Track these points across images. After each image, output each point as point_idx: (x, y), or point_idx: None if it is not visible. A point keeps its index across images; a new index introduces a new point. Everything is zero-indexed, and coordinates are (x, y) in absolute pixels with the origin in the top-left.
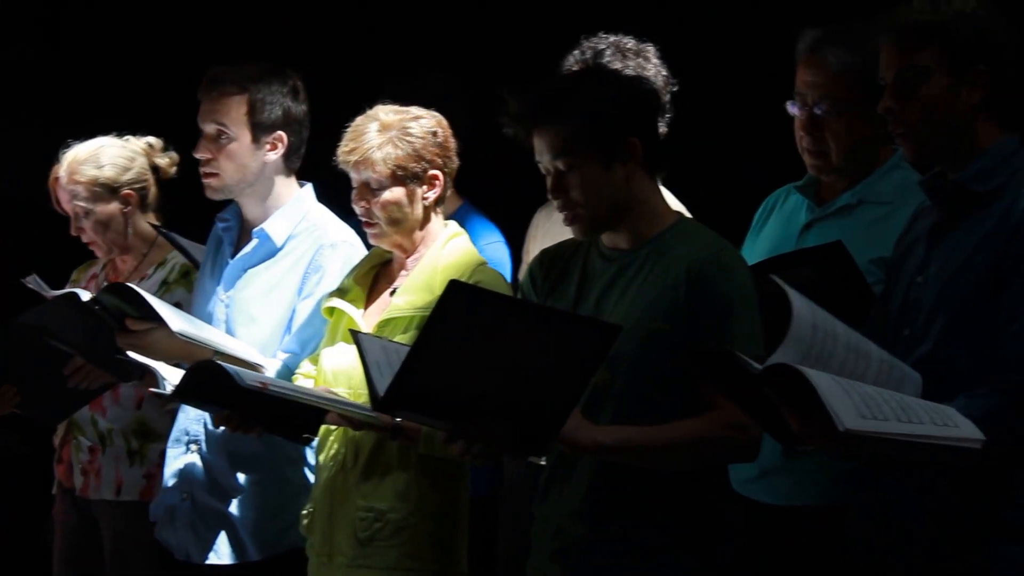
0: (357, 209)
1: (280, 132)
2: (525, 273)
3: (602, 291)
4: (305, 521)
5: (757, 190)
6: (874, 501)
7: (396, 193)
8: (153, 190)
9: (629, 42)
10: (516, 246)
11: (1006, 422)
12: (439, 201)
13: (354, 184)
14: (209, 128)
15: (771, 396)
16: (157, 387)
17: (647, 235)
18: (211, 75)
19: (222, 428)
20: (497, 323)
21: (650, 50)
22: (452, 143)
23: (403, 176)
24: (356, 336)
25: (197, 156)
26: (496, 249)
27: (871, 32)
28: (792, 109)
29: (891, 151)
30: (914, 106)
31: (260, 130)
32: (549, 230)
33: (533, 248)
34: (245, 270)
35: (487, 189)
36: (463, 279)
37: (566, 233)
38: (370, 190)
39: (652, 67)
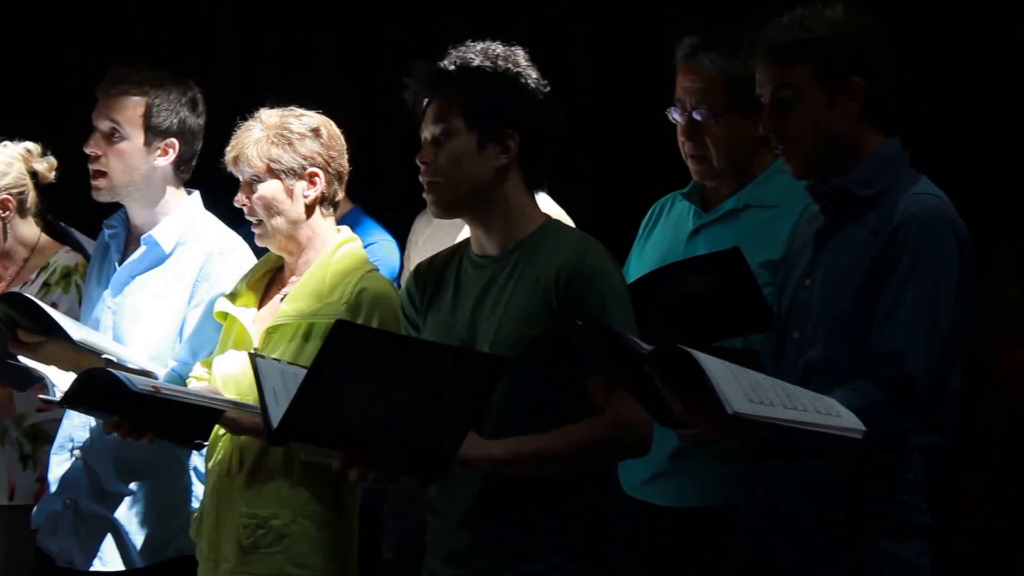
0: (241, 207)
1: (172, 139)
2: (403, 291)
3: (476, 300)
4: (195, 526)
5: (643, 198)
6: (765, 499)
7: (272, 187)
8: (32, 195)
9: (497, 48)
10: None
11: (884, 415)
12: (324, 202)
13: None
14: (103, 125)
15: (656, 379)
16: (47, 393)
17: (515, 238)
18: (113, 74)
19: (110, 434)
20: (386, 360)
21: (519, 54)
22: (338, 144)
23: (279, 170)
24: (254, 360)
25: (87, 151)
26: (384, 248)
27: (746, 38)
28: (673, 116)
29: (774, 156)
30: (794, 123)
31: (153, 134)
32: (431, 237)
33: (414, 254)
34: (133, 277)
35: (379, 194)
36: (350, 285)
37: (447, 240)
38: (250, 187)
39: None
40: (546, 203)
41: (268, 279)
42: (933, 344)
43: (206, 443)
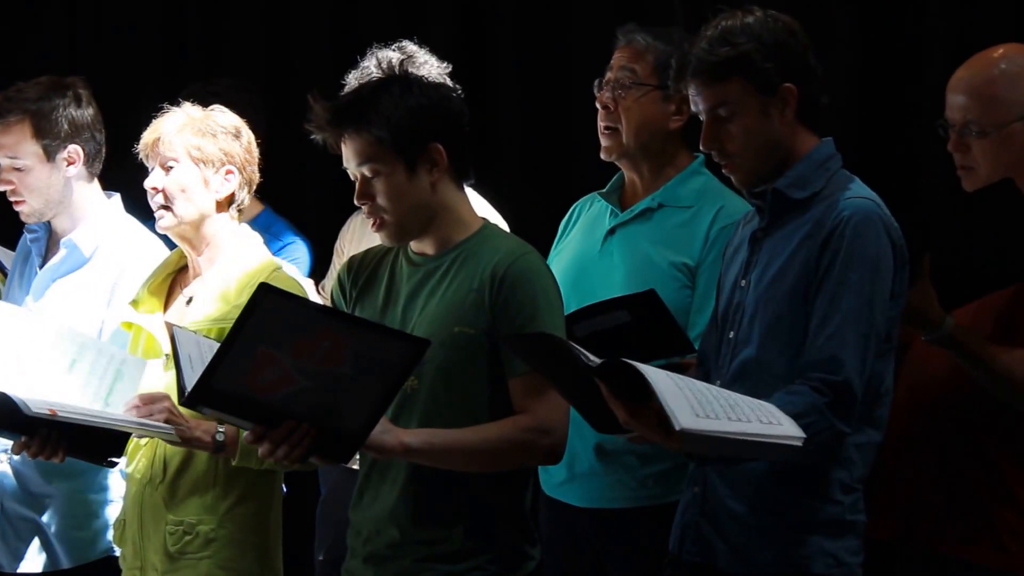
0: (150, 190)
1: (73, 146)
2: (334, 280)
3: (408, 296)
4: (118, 533)
5: (567, 199)
6: (701, 496)
7: (190, 174)
8: None
9: (392, 57)
10: (321, 253)
11: (823, 419)
12: (232, 202)
13: (152, 171)
14: (3, 162)
15: (603, 389)
16: None
17: (453, 241)
18: None
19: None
20: (306, 331)
21: (412, 50)
22: (254, 151)
23: (199, 159)
24: (171, 329)
25: None
26: (295, 249)
27: (684, 37)
28: (598, 89)
29: (691, 157)
30: (734, 138)
31: (52, 149)
32: (363, 237)
33: (349, 251)
34: (53, 280)
35: (288, 198)
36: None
37: (376, 240)
38: (165, 170)
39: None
40: (479, 203)
41: (170, 281)
42: (868, 347)
43: (119, 460)
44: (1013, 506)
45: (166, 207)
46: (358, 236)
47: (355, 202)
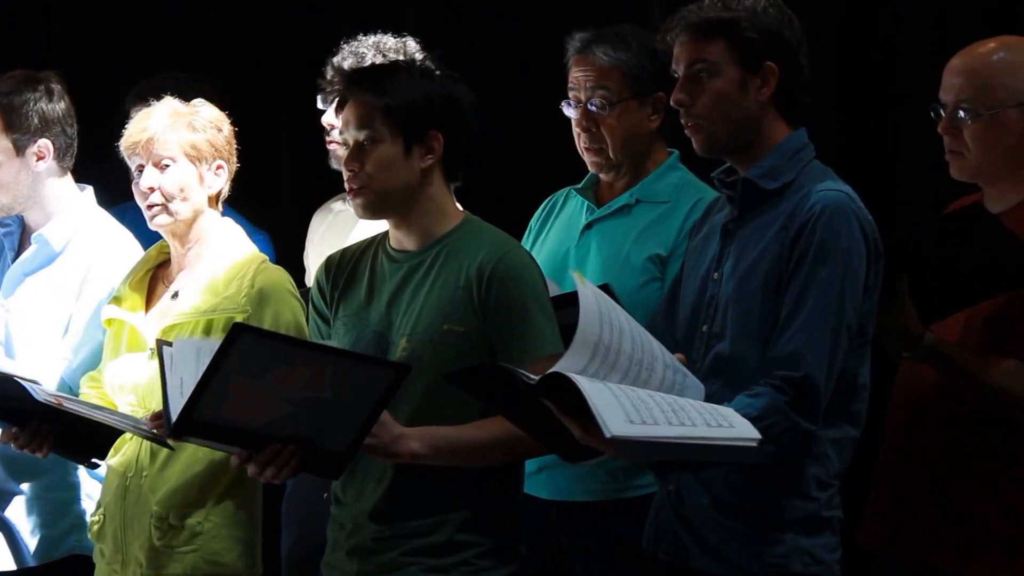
0: (143, 190)
1: (43, 140)
2: (313, 281)
3: (392, 294)
4: (96, 528)
5: (536, 193)
6: (675, 495)
7: (187, 172)
8: None
9: (389, 41)
10: (290, 247)
11: (785, 418)
12: (219, 196)
13: (138, 169)
14: None
15: (550, 407)
16: None
17: (435, 235)
18: None
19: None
20: (285, 362)
21: (412, 46)
22: (233, 142)
23: (194, 156)
24: (160, 349)
25: None
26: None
27: (637, 33)
28: (568, 110)
29: (668, 153)
30: (705, 98)
31: (21, 143)
32: (325, 234)
33: (312, 252)
34: (25, 276)
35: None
36: (247, 279)
37: (342, 236)
38: (160, 169)
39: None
40: None
41: (150, 277)
42: (837, 342)
43: (101, 462)
44: (1007, 519)
45: (162, 206)
46: (319, 233)
47: (343, 166)
